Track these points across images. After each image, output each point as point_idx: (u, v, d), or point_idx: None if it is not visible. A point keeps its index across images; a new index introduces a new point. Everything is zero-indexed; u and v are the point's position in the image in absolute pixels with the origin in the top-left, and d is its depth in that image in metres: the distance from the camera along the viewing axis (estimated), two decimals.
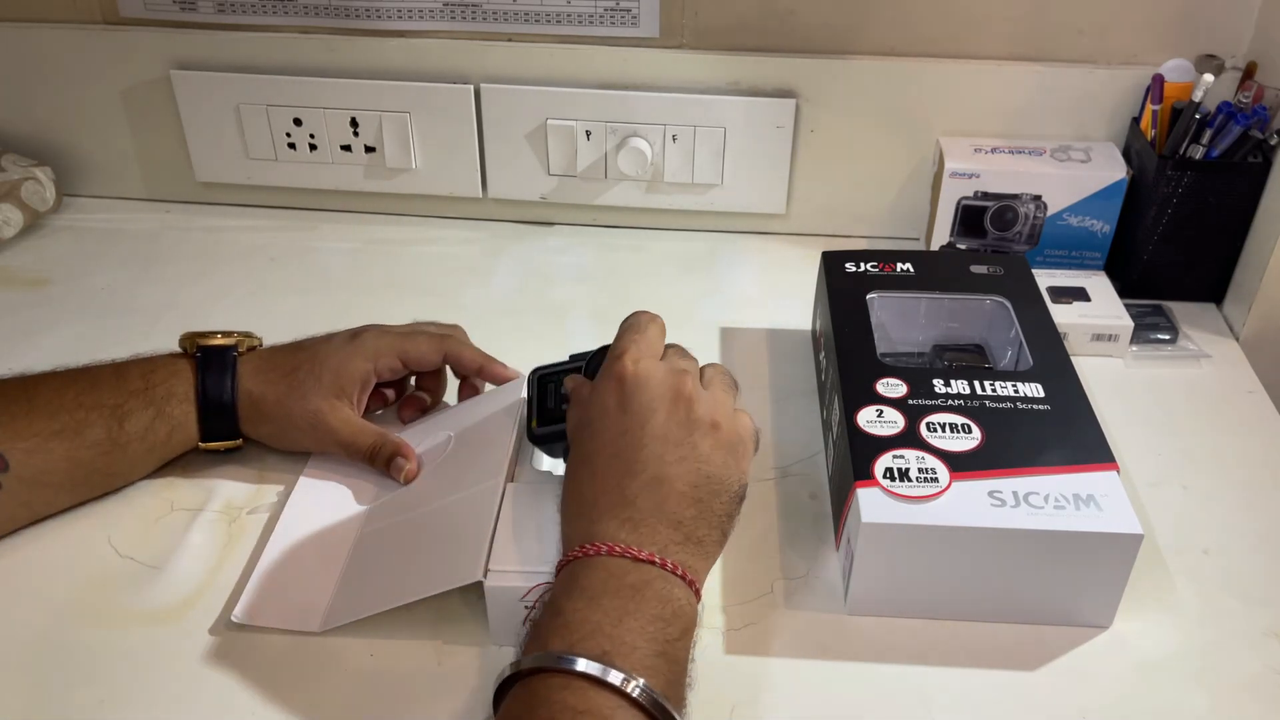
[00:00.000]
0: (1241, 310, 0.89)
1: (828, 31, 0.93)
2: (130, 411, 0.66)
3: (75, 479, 0.66)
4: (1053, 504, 0.61)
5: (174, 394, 0.67)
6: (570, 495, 0.57)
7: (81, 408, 0.65)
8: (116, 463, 0.67)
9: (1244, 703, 0.59)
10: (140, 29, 0.97)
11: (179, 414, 0.67)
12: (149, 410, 0.66)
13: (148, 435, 0.67)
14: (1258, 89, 0.86)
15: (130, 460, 0.67)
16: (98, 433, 0.65)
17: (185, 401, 0.68)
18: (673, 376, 0.57)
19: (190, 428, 0.68)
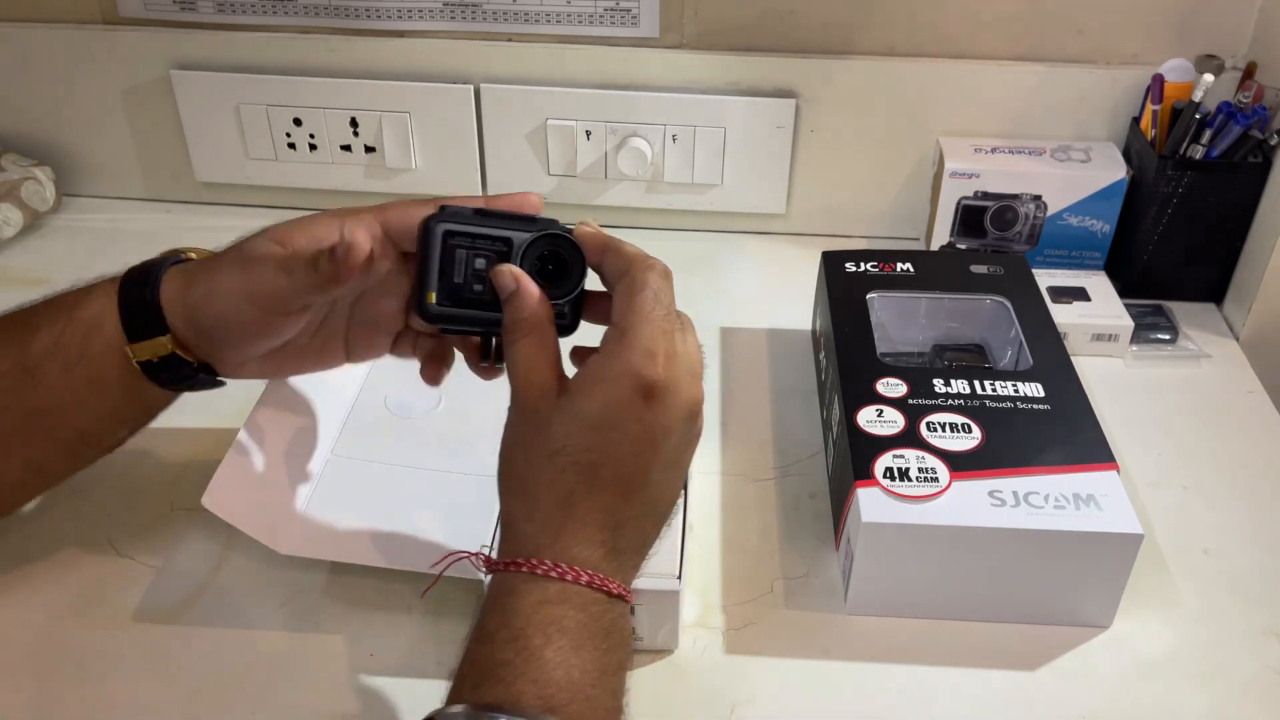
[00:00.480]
0: (1241, 310, 0.89)
1: (828, 31, 0.93)
2: (37, 326, 0.55)
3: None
4: (1053, 504, 0.61)
5: (89, 297, 0.56)
6: (544, 484, 0.48)
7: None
8: (29, 395, 0.54)
9: (1244, 702, 0.59)
10: (140, 29, 0.97)
11: (93, 311, 0.55)
12: (59, 319, 0.55)
13: (59, 349, 0.54)
14: (1257, 89, 0.86)
15: (47, 388, 0.54)
16: (5, 366, 0.54)
17: (100, 298, 0.55)
18: (693, 386, 0.51)
19: (108, 326, 0.54)
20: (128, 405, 0.58)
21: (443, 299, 0.52)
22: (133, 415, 0.59)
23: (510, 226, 0.53)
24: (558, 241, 0.53)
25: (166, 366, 0.55)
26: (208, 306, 0.55)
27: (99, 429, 0.58)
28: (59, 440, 0.57)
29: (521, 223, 0.54)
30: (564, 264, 0.53)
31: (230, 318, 0.54)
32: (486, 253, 0.53)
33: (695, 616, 0.64)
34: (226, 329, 0.55)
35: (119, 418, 0.58)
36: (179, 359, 0.55)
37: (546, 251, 0.53)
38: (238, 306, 0.54)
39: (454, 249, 0.53)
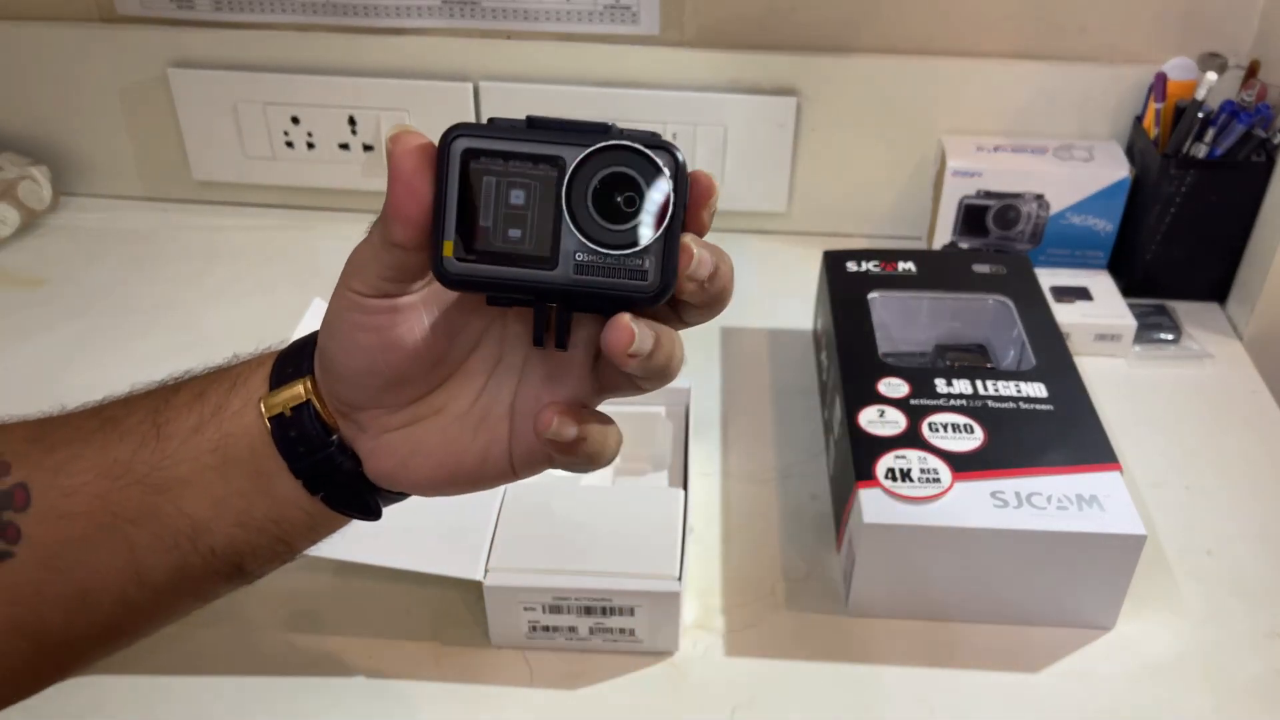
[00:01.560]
0: (1245, 310, 0.88)
1: (829, 29, 0.93)
2: (186, 384, 0.45)
3: (105, 502, 0.42)
4: (1055, 504, 0.60)
5: (260, 355, 0.46)
6: None
7: (134, 392, 0.45)
8: (152, 456, 0.42)
9: (1247, 703, 0.59)
10: (137, 27, 0.96)
11: (252, 365, 0.45)
12: (218, 374, 0.45)
13: (199, 401, 0.43)
14: (1261, 87, 0.86)
15: (172, 449, 0.42)
16: (136, 418, 0.43)
17: (259, 359, 0.45)
18: None
19: (255, 378, 0.43)
20: (253, 497, 0.43)
21: (466, 251, 0.36)
22: (257, 520, 0.43)
23: (567, 138, 0.36)
24: (633, 159, 0.35)
25: (298, 424, 0.42)
26: (323, 322, 0.41)
27: (212, 526, 0.43)
28: (167, 529, 0.42)
29: (586, 134, 0.36)
30: (639, 193, 0.36)
31: (333, 321, 0.40)
32: (525, 180, 0.36)
33: (695, 618, 0.64)
34: (332, 344, 0.40)
35: (239, 515, 0.43)
36: (313, 415, 0.42)
37: (614, 173, 0.36)
38: (337, 302, 0.40)
39: (480, 176, 0.36)
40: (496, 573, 0.59)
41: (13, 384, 0.82)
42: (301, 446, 0.42)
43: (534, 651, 0.61)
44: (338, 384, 0.41)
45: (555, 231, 0.36)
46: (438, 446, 0.41)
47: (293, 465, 0.42)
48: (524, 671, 0.61)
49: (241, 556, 0.43)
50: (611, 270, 0.36)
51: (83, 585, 0.42)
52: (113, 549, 0.42)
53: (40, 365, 0.84)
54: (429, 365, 0.40)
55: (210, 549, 0.43)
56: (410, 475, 0.42)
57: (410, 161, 0.36)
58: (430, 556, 0.60)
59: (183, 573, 0.43)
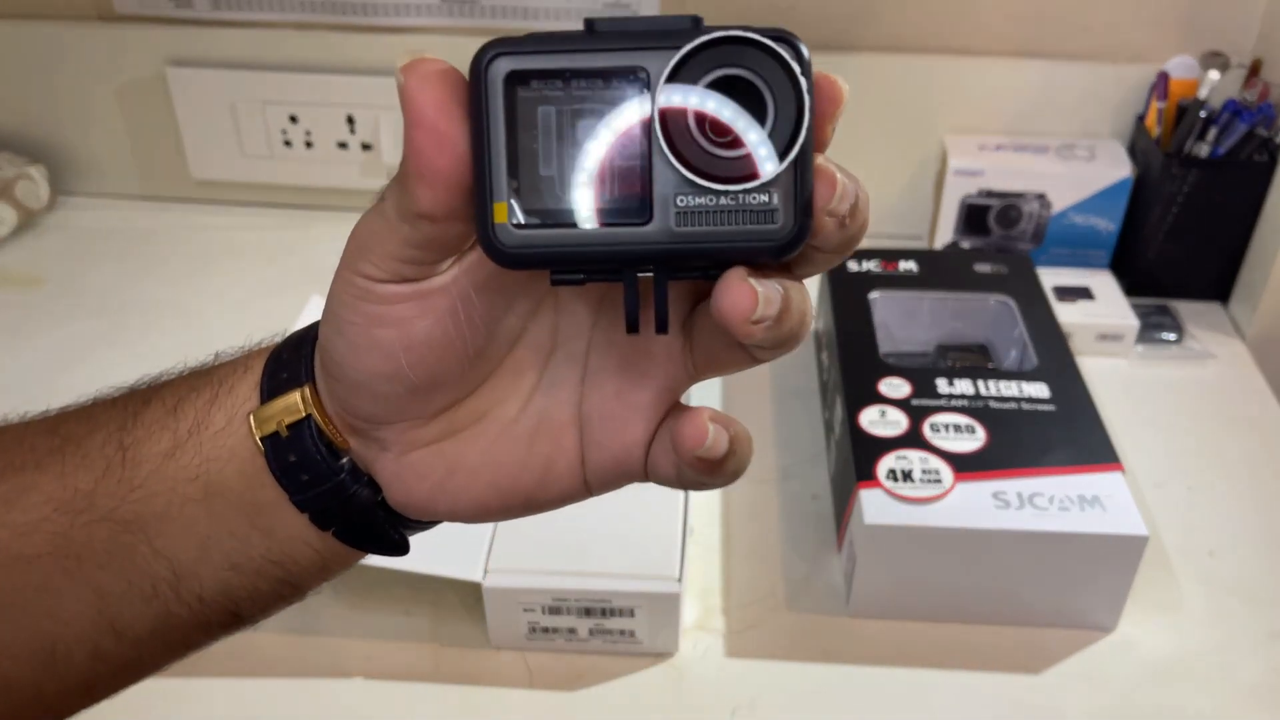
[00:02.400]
0: (1248, 309, 0.88)
1: (829, 27, 0.92)
2: (157, 395, 0.36)
3: (67, 542, 0.34)
4: (1057, 505, 0.60)
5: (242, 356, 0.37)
6: None
7: (98, 405, 0.36)
8: (118, 487, 0.34)
9: (1249, 704, 0.59)
10: (135, 25, 0.96)
11: (235, 370, 0.35)
12: (195, 381, 0.36)
13: (173, 417, 0.34)
14: (1263, 86, 0.86)
15: (142, 478, 0.34)
16: (99, 437, 0.35)
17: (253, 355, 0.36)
18: None
19: (241, 387, 0.35)
20: (246, 536, 0.34)
21: (524, 214, 0.27)
22: (253, 562, 0.35)
23: (645, 42, 0.26)
24: (745, 55, 0.26)
25: (297, 445, 0.33)
26: (324, 313, 0.32)
27: (198, 571, 0.35)
28: (142, 574, 0.34)
29: (668, 34, 0.26)
30: (760, 100, 0.26)
31: (338, 312, 0.31)
32: (597, 106, 0.26)
33: (695, 619, 0.63)
34: (339, 341, 0.31)
35: (230, 558, 0.35)
36: (314, 433, 0.33)
37: (721, 78, 0.26)
38: (341, 289, 0.31)
39: (533, 107, 0.26)
40: (496, 574, 0.59)
41: (11, 384, 0.82)
42: (304, 474, 0.33)
43: (533, 653, 0.61)
44: (348, 393, 0.32)
45: (646, 171, 0.26)
46: (483, 464, 0.33)
47: (294, 497, 0.34)
48: (523, 673, 0.60)
49: (237, 603, 0.36)
50: (726, 215, 0.26)
51: (50, 638, 0.34)
52: (81, 597, 0.34)
53: (38, 365, 0.84)
54: (465, 363, 0.31)
55: (197, 596, 0.35)
56: (448, 501, 0.34)
57: (433, 94, 0.26)
58: (430, 557, 0.59)
59: (166, 623, 0.35)
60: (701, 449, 0.30)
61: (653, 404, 0.32)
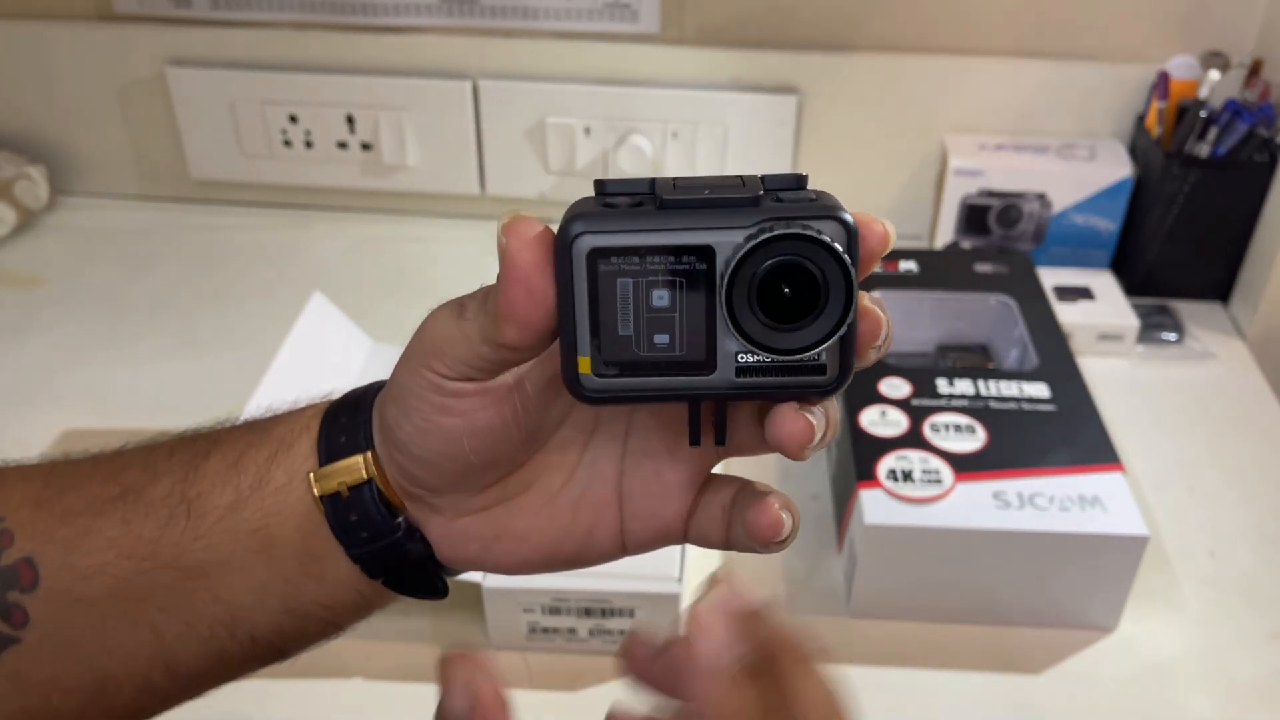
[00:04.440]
0: (1248, 309, 0.88)
1: (830, 26, 0.92)
2: (221, 440, 0.38)
3: (129, 586, 0.36)
4: (1058, 506, 0.60)
5: (297, 411, 0.38)
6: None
7: (158, 454, 0.38)
8: (181, 537, 0.36)
9: (1250, 704, 0.59)
10: (135, 25, 0.96)
11: (291, 426, 0.37)
12: (249, 433, 0.38)
13: (235, 472, 0.37)
14: (1263, 86, 0.86)
15: (205, 529, 0.36)
16: (162, 487, 0.36)
17: (307, 413, 0.38)
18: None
19: (300, 446, 0.37)
20: (301, 584, 0.37)
21: (606, 367, 0.31)
22: (305, 606, 0.37)
23: (712, 220, 0.29)
24: (802, 246, 0.29)
25: (358, 506, 0.36)
26: (387, 391, 0.35)
27: (254, 615, 0.37)
28: (200, 617, 0.37)
29: (732, 208, 0.30)
30: (814, 285, 0.29)
31: (406, 400, 0.33)
32: (669, 279, 0.30)
33: None
34: (406, 424, 0.34)
35: (285, 603, 0.37)
36: (375, 496, 0.36)
37: (780, 263, 0.29)
38: (411, 379, 0.33)
39: (613, 279, 0.30)
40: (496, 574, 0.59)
41: (10, 384, 0.82)
42: (363, 531, 0.36)
43: (533, 653, 0.61)
44: (411, 465, 0.35)
45: (710, 332, 0.30)
46: (530, 530, 0.36)
47: (351, 551, 0.36)
48: (523, 673, 0.60)
49: (285, 641, 0.38)
50: (781, 370, 0.30)
51: (102, 673, 0.36)
52: (138, 638, 0.36)
53: (37, 365, 0.84)
54: (520, 446, 0.34)
55: (250, 636, 0.37)
56: (494, 561, 0.37)
57: (529, 256, 0.30)
58: None
59: (218, 660, 0.38)
60: (779, 537, 0.35)
61: (689, 483, 0.36)
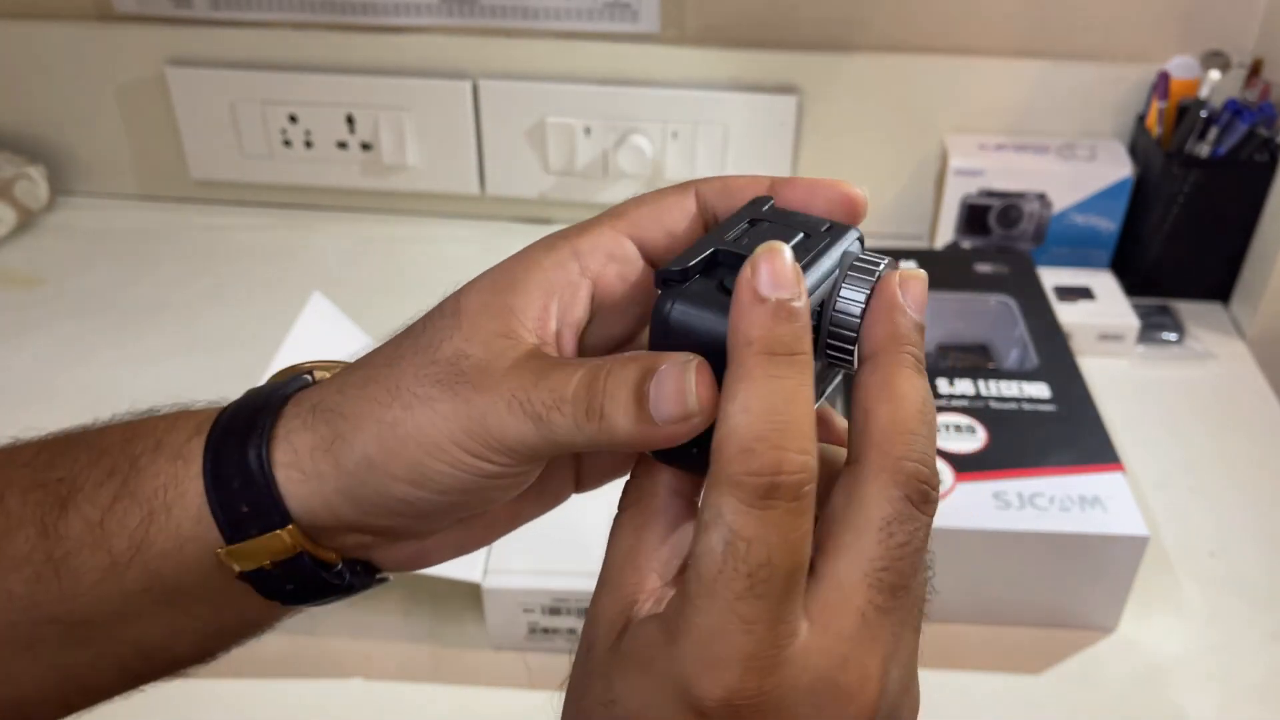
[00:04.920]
0: (1249, 309, 0.88)
1: (831, 26, 0.92)
2: (77, 487, 0.32)
3: (16, 633, 0.32)
4: (1058, 505, 0.60)
5: (157, 451, 0.32)
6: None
7: (10, 496, 0.32)
8: (57, 597, 0.31)
9: (1251, 705, 0.59)
10: (135, 25, 0.96)
11: (160, 480, 0.31)
12: (110, 480, 0.32)
13: (101, 537, 0.31)
14: (1264, 86, 0.86)
15: (80, 593, 0.31)
16: (21, 542, 0.31)
17: (172, 458, 0.32)
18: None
19: (179, 509, 0.31)
20: (217, 619, 0.34)
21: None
22: (229, 630, 0.35)
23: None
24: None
25: (293, 576, 0.32)
26: (394, 470, 0.30)
27: (170, 646, 0.34)
28: (105, 656, 0.33)
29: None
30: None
31: (444, 484, 0.30)
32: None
33: None
34: (434, 499, 0.30)
35: (202, 634, 0.34)
36: (309, 564, 0.32)
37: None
38: (456, 468, 0.29)
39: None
40: (495, 575, 0.59)
41: (9, 384, 0.82)
42: (301, 592, 0.32)
43: (533, 653, 0.61)
44: (383, 518, 0.31)
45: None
46: (489, 531, 0.35)
47: (285, 603, 0.33)
48: (523, 673, 0.60)
49: (213, 654, 0.35)
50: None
51: (15, 699, 0.33)
52: (41, 674, 0.33)
53: (36, 365, 0.84)
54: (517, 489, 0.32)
55: (172, 660, 0.34)
56: (461, 555, 0.36)
57: (706, 393, 0.27)
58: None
59: (140, 680, 0.35)
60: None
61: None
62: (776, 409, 0.25)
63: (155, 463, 0.31)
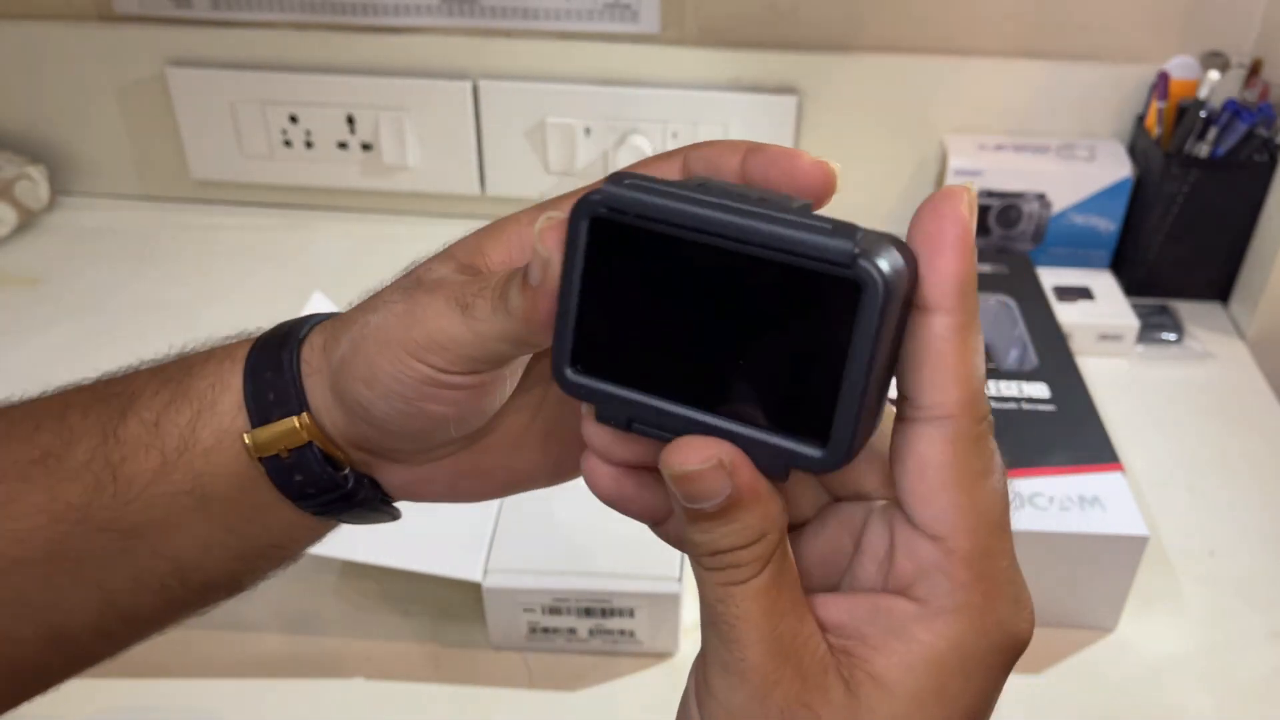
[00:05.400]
0: (1248, 309, 0.88)
1: (830, 27, 0.92)
2: (135, 397, 0.35)
3: (65, 548, 0.35)
4: (1058, 505, 0.60)
5: (208, 360, 0.36)
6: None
7: (72, 414, 0.36)
8: (111, 502, 0.34)
9: (1250, 705, 0.59)
10: (135, 25, 0.96)
11: (207, 380, 0.35)
12: (164, 389, 0.35)
13: (157, 434, 0.34)
14: (1263, 86, 0.86)
15: (135, 493, 0.34)
16: (82, 451, 0.35)
17: (222, 361, 0.36)
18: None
19: (224, 402, 0.34)
20: (247, 531, 0.36)
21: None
22: (256, 549, 0.37)
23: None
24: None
25: (302, 467, 0.34)
26: (355, 368, 0.32)
27: (203, 565, 0.36)
28: (146, 572, 0.36)
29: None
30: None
31: (388, 385, 0.31)
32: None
33: (695, 619, 0.63)
34: (384, 405, 0.32)
35: (233, 551, 0.36)
36: (319, 457, 0.34)
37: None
38: (397, 368, 0.31)
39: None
40: (496, 574, 0.59)
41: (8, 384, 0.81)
42: (309, 488, 0.34)
43: (533, 653, 0.61)
44: (379, 437, 0.33)
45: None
46: (497, 468, 0.35)
47: (300, 504, 0.35)
48: (523, 673, 0.60)
49: (240, 581, 0.38)
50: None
51: (54, 625, 0.36)
52: (85, 594, 0.35)
53: (36, 365, 0.84)
54: (478, 409, 0.33)
55: (203, 584, 0.36)
56: (461, 495, 0.36)
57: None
58: (430, 558, 0.59)
59: (171, 605, 0.37)
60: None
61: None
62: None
63: (206, 365, 0.35)
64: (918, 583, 0.26)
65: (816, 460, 0.25)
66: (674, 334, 0.26)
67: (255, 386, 0.34)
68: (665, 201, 0.25)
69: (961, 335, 0.25)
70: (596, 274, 0.26)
